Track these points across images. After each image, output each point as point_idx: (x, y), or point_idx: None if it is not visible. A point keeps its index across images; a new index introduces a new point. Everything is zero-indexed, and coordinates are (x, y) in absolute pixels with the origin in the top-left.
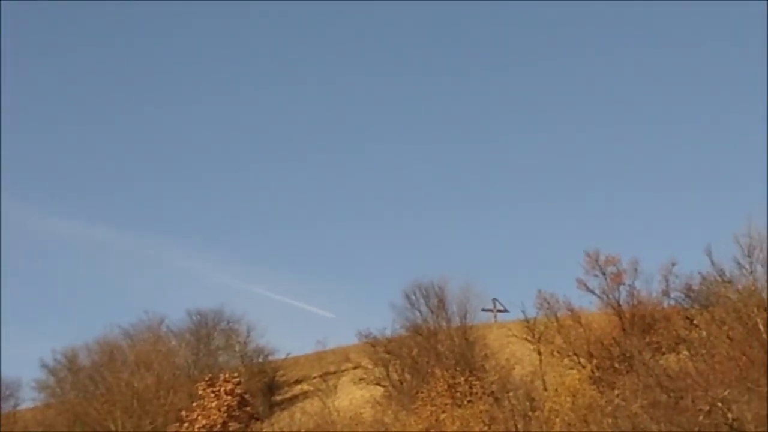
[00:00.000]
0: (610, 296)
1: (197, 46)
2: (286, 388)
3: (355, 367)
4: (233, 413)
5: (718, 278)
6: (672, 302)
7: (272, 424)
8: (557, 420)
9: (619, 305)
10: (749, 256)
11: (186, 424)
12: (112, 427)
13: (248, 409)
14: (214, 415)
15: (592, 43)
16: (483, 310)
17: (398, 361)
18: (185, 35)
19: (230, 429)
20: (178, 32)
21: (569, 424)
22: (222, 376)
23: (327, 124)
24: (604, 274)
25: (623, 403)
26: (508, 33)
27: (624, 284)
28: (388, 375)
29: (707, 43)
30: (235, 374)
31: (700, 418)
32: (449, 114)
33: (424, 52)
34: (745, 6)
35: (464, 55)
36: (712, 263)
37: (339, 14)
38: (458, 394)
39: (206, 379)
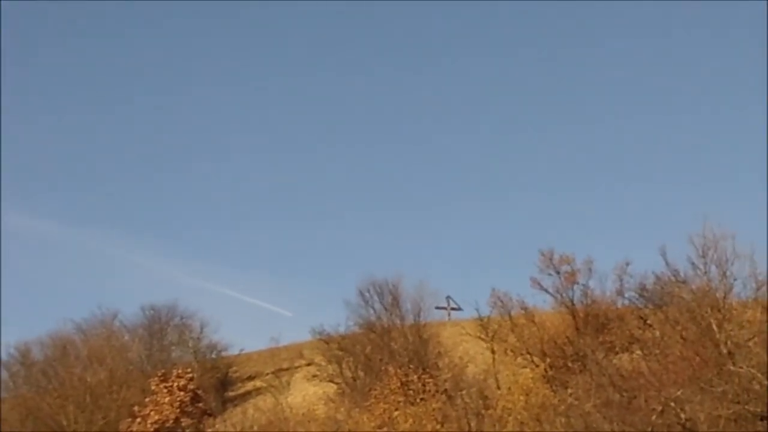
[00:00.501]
0: (564, 295)
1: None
2: (239, 384)
3: (308, 364)
4: (186, 409)
5: (672, 278)
6: (626, 302)
7: (225, 420)
8: (510, 418)
9: (573, 304)
10: (703, 257)
11: (138, 420)
12: (65, 422)
13: (201, 404)
14: (167, 410)
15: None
16: (437, 308)
17: (351, 359)
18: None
19: (183, 425)
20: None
21: (522, 423)
22: (175, 372)
23: (282, 123)
24: (558, 273)
25: (576, 402)
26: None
27: (578, 283)
28: (341, 372)
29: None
30: (188, 370)
31: (653, 417)
32: (402, 112)
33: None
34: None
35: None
36: (667, 263)
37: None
38: (411, 391)
39: (159, 374)
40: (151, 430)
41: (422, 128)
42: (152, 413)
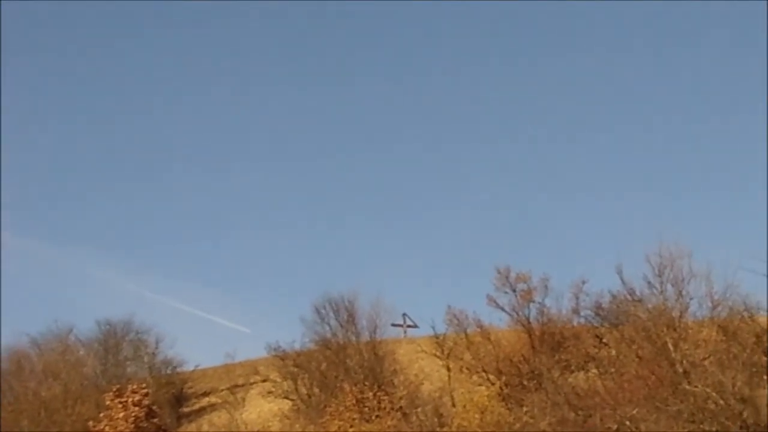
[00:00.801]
0: (520, 313)
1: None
2: (194, 400)
3: (263, 381)
4: (141, 424)
5: (629, 297)
6: (582, 320)
7: None
8: None
9: (529, 322)
10: (660, 276)
11: None
12: None
13: (156, 420)
14: (122, 426)
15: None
16: (393, 325)
17: (307, 375)
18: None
19: None
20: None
21: None
22: (130, 387)
23: (238, 138)
24: (514, 290)
25: (531, 421)
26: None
27: (534, 301)
28: (296, 389)
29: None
30: (143, 385)
31: None
32: (356, 128)
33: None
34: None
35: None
36: (623, 282)
37: None
38: (366, 408)
39: (114, 389)
40: None
41: (376, 143)
42: (107, 428)
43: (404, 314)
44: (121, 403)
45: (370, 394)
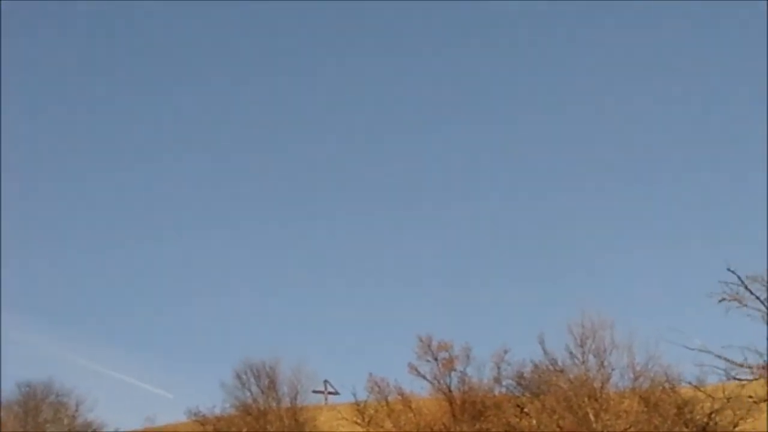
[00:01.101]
0: (442, 382)
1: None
2: None
3: None
4: None
5: (550, 367)
6: (503, 390)
7: None
8: None
9: (450, 391)
10: (582, 346)
11: None
12: None
13: None
14: None
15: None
16: (314, 391)
17: None
18: None
19: None
20: None
21: None
22: None
23: (153, 199)
24: (436, 359)
25: None
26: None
27: (455, 370)
28: None
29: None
30: None
31: None
32: (272, 188)
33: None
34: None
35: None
36: (545, 352)
37: None
38: None
39: None
40: None
41: (295, 206)
42: None
43: (325, 381)
44: None
45: None
